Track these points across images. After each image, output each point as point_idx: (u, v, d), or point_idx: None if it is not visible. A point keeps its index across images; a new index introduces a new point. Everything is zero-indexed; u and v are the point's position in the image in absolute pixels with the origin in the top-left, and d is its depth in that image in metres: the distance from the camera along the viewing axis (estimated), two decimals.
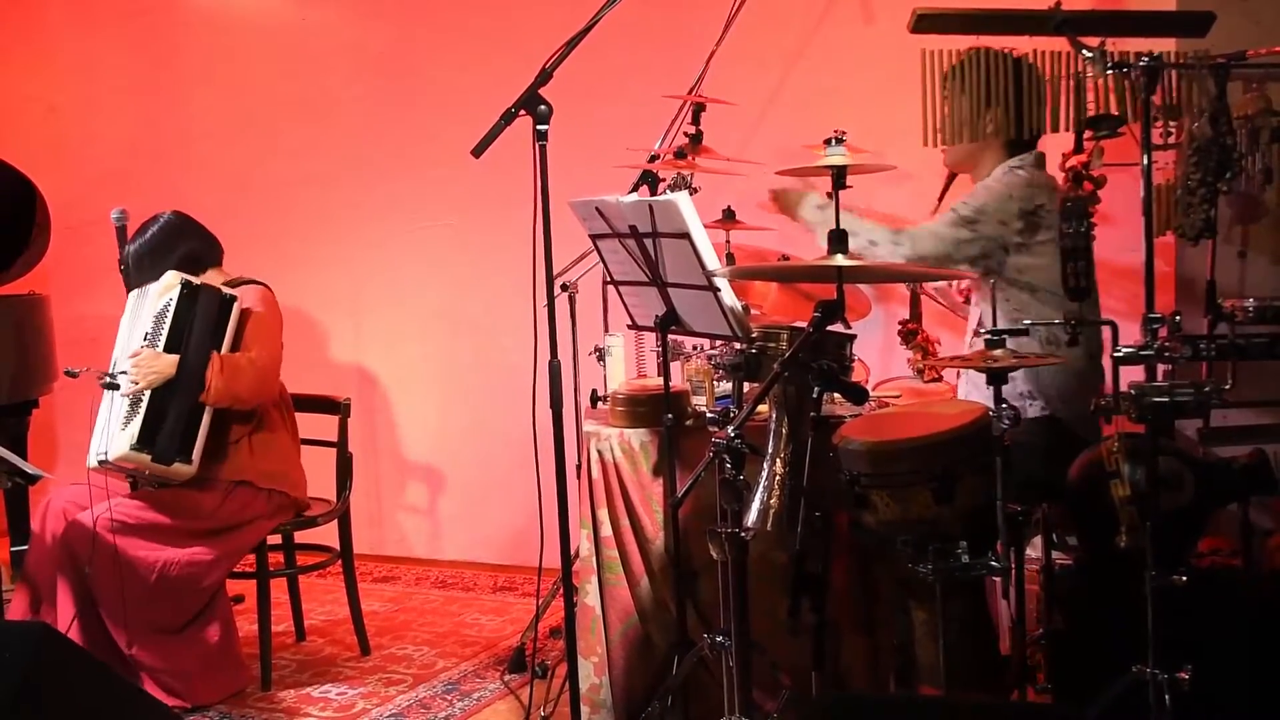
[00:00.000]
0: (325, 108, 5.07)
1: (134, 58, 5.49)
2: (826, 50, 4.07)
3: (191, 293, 3.51)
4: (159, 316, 3.50)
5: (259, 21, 5.21)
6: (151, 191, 5.11)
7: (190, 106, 5.38)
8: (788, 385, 2.54)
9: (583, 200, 2.86)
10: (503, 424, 4.73)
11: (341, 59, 5.04)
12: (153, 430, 3.43)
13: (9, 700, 2.61)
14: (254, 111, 5.23)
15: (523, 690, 3.53)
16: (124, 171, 5.44)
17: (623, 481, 3.06)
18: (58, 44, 5.67)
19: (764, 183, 3.78)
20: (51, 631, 2.89)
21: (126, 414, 3.46)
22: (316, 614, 4.33)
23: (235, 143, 5.27)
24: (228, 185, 5.15)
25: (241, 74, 5.24)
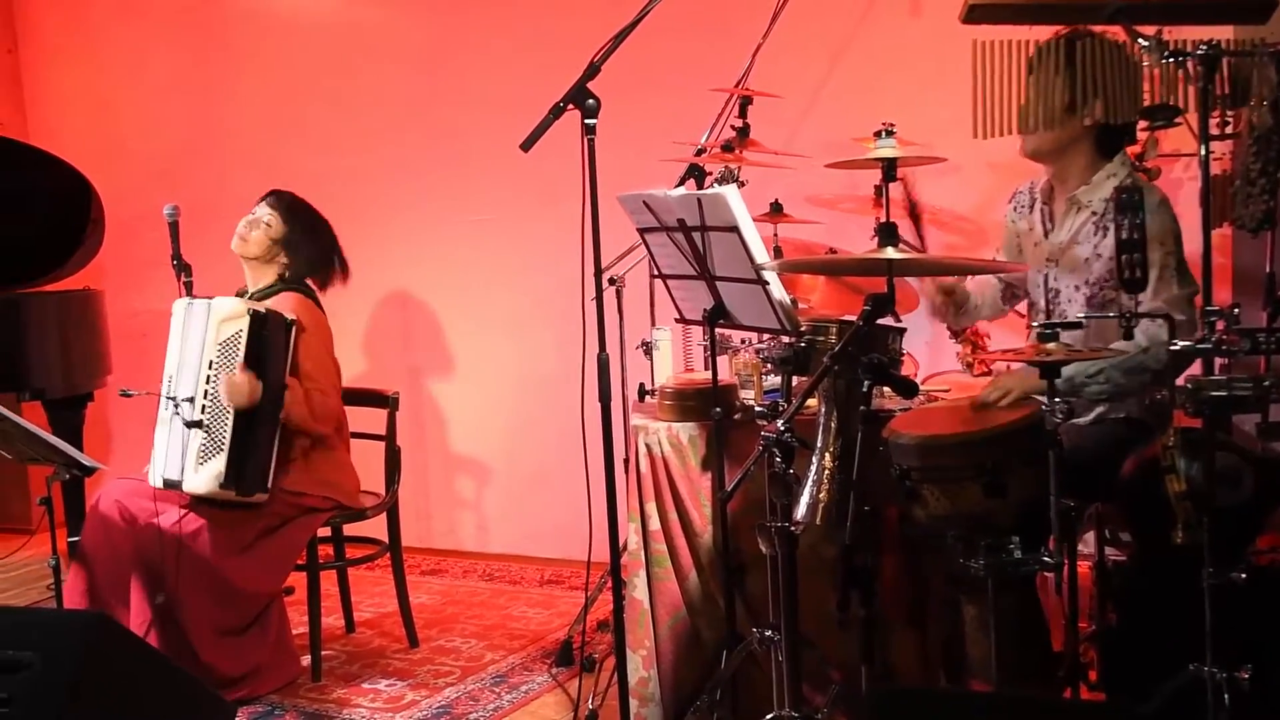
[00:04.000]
0: (371, 103, 5.10)
1: (183, 54, 5.55)
2: (873, 42, 4.05)
3: (261, 320, 3.49)
4: (227, 346, 3.47)
5: (305, 17, 5.25)
6: (200, 187, 5.17)
7: (238, 102, 5.43)
8: (837, 379, 2.52)
9: (631, 194, 2.86)
10: (549, 418, 4.74)
11: (387, 54, 5.06)
12: (238, 467, 3.43)
13: (69, 687, 2.65)
14: (300, 107, 5.27)
15: (570, 683, 3.55)
16: (173, 167, 5.50)
17: (671, 475, 3.05)
18: (108, 42, 5.74)
19: (811, 176, 3.78)
20: (109, 621, 2.92)
21: (204, 446, 3.44)
22: (365, 606, 4.36)
23: (281, 138, 5.31)
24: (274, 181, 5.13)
25: (288, 70, 5.29)
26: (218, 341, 3.47)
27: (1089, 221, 2.80)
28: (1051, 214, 2.92)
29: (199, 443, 3.44)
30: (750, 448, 2.97)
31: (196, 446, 3.44)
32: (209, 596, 3.43)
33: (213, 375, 3.46)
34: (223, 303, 3.52)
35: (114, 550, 3.51)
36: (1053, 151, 2.83)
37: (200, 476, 3.42)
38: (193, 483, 3.43)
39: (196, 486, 3.43)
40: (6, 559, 5.38)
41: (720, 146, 3.49)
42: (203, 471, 3.42)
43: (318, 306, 3.77)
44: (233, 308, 3.49)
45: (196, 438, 3.44)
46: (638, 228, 2.96)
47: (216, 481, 3.40)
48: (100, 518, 3.54)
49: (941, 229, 3.89)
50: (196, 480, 3.42)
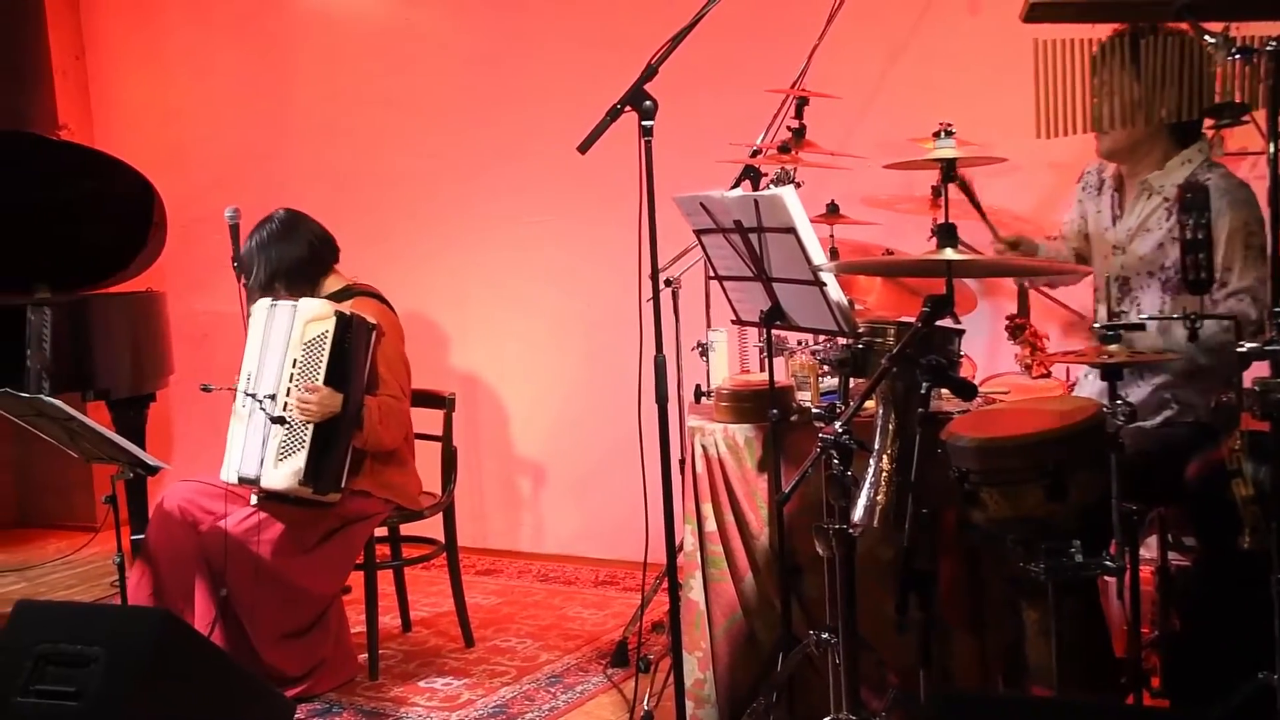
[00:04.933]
0: (428, 106, 5.14)
1: (245, 60, 5.62)
2: (930, 42, 4.01)
3: (346, 323, 3.52)
4: (312, 346, 3.49)
5: (366, 23, 5.30)
6: (261, 191, 5.23)
7: (298, 107, 5.49)
8: (896, 381, 2.51)
9: (688, 196, 2.86)
10: (604, 419, 4.75)
11: (445, 57, 5.10)
12: (317, 465, 3.47)
13: (135, 681, 2.70)
14: (359, 111, 5.32)
15: (626, 684, 3.55)
16: (235, 171, 5.57)
17: (727, 477, 3.05)
18: (172, 48, 5.83)
19: (867, 176, 3.76)
20: (171, 617, 2.97)
21: (284, 443, 3.48)
22: (421, 606, 4.39)
23: (341, 142, 5.36)
24: (334, 184, 5.24)
25: (347, 74, 5.34)
26: (303, 341, 3.50)
27: (1160, 207, 2.77)
28: (1121, 201, 2.89)
29: (279, 439, 3.48)
30: (807, 449, 2.97)
31: (277, 443, 3.48)
32: (272, 598, 3.47)
33: (296, 374, 3.49)
34: (309, 303, 3.56)
35: (177, 549, 3.56)
36: (1128, 149, 2.82)
37: (279, 472, 3.46)
38: (271, 478, 3.47)
39: (275, 482, 3.47)
40: (72, 555, 5.49)
41: (777, 148, 3.48)
42: (282, 467, 3.46)
43: (391, 310, 3.81)
44: (320, 308, 3.53)
45: (277, 434, 3.48)
46: (694, 229, 2.97)
47: (296, 478, 3.44)
48: (165, 517, 3.59)
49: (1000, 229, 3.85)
50: (275, 476, 3.46)
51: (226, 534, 3.43)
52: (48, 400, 3.22)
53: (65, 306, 4.69)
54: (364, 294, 3.79)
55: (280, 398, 3.49)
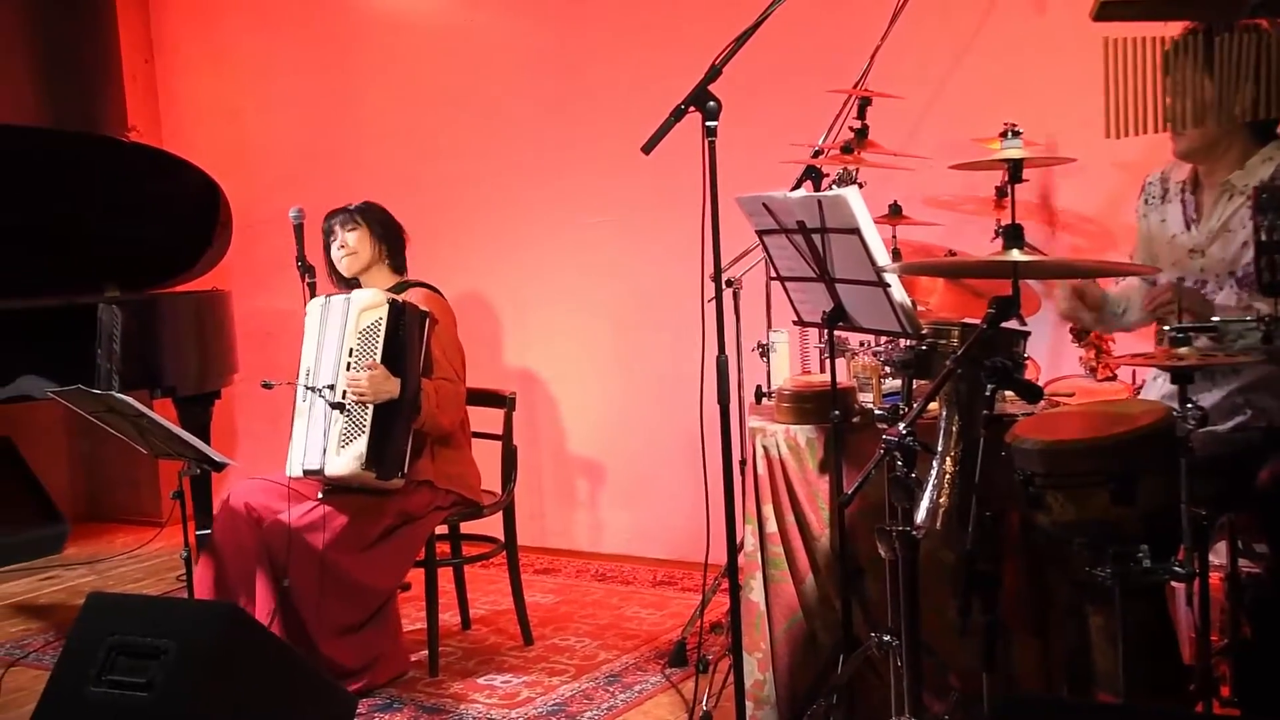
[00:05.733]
0: (489, 107, 5.18)
1: (309, 61, 5.69)
2: (995, 41, 3.98)
3: (399, 311, 3.57)
4: (367, 334, 3.55)
5: (428, 23, 5.35)
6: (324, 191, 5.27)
7: (362, 108, 5.55)
8: (960, 382, 2.50)
9: (750, 196, 2.86)
10: (663, 419, 4.76)
11: (507, 59, 5.13)
12: (378, 449, 3.51)
13: (203, 673, 2.75)
14: (422, 111, 5.37)
15: (684, 684, 3.56)
16: (298, 172, 5.64)
17: (788, 478, 3.04)
18: (238, 50, 5.92)
19: (930, 177, 3.74)
20: (239, 611, 3.02)
21: (345, 430, 3.53)
22: (480, 603, 4.43)
23: (404, 142, 5.41)
24: (396, 184, 5.28)
25: (410, 75, 5.39)
26: (358, 329, 3.56)
27: (1244, 207, 2.72)
28: (1198, 204, 2.85)
29: (340, 426, 3.52)
30: (869, 451, 2.96)
31: (338, 430, 3.53)
32: (331, 591, 3.50)
33: (353, 362, 3.54)
34: (362, 293, 3.62)
35: (241, 545, 3.62)
36: (1206, 148, 2.77)
37: (342, 458, 3.51)
38: (334, 465, 3.51)
39: (338, 469, 3.51)
40: (139, 550, 5.59)
41: (839, 148, 3.46)
42: (345, 453, 3.50)
43: (442, 298, 3.86)
44: (373, 297, 3.59)
45: (338, 422, 3.52)
46: (756, 230, 2.96)
47: (358, 463, 3.48)
48: (230, 513, 3.65)
49: (1065, 230, 3.82)
50: (338, 462, 3.51)
51: (289, 527, 3.47)
52: (119, 397, 3.28)
53: (134, 305, 4.77)
54: (415, 284, 3.86)
55: (339, 386, 3.54)
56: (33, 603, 4.82)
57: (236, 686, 2.84)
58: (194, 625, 2.86)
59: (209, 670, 2.78)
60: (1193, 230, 2.85)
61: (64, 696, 2.84)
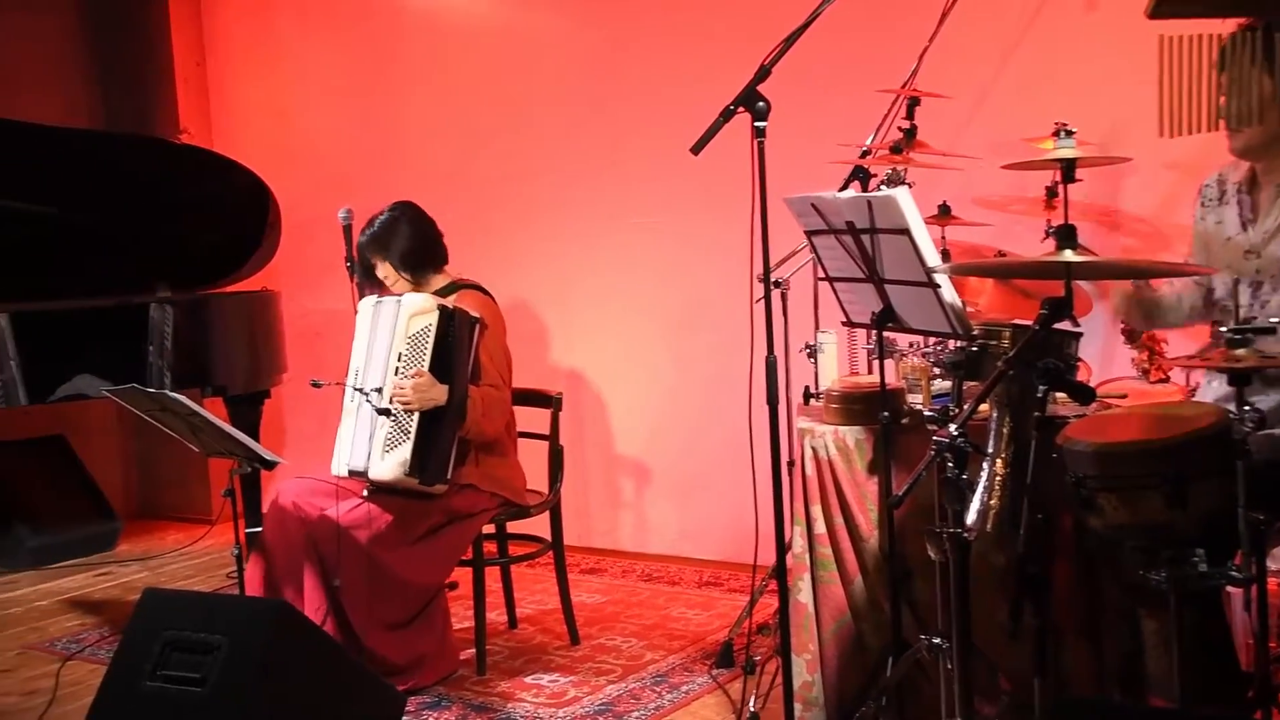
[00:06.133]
0: (537, 107, 5.19)
1: (357, 63, 5.74)
2: (1045, 40, 3.95)
3: (449, 317, 3.57)
4: (416, 339, 3.55)
5: (474, 24, 5.38)
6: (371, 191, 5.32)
7: (407, 109, 5.59)
8: (1011, 384, 2.48)
9: (799, 197, 2.85)
10: (708, 420, 4.76)
11: (554, 59, 5.15)
12: (422, 455, 3.52)
13: (256, 669, 2.78)
14: (467, 112, 5.39)
15: (731, 685, 3.56)
16: (346, 172, 5.69)
17: (837, 479, 3.04)
18: (285, 52, 5.98)
19: (978, 177, 3.71)
20: (289, 608, 3.05)
21: (390, 435, 3.54)
22: (527, 603, 4.44)
23: (449, 143, 5.44)
24: (443, 183, 5.31)
25: (457, 75, 5.42)
26: (407, 335, 3.57)
27: None
28: (1254, 204, 2.81)
29: (386, 431, 3.54)
30: (918, 452, 2.95)
31: (384, 435, 3.54)
32: (376, 589, 3.53)
33: (401, 367, 3.55)
34: (413, 298, 3.62)
35: (289, 543, 3.64)
36: (1263, 146, 2.73)
37: (386, 463, 3.52)
38: (378, 469, 3.53)
39: (382, 473, 3.53)
40: (189, 547, 5.65)
41: (888, 148, 3.45)
42: (389, 459, 3.52)
43: (493, 301, 3.87)
44: (423, 302, 3.59)
45: (384, 426, 3.54)
46: (805, 230, 2.96)
47: (402, 469, 3.50)
48: (279, 511, 3.68)
49: (1116, 231, 3.78)
50: (382, 467, 3.53)
51: (334, 524, 3.50)
52: (172, 396, 3.31)
53: (185, 305, 4.82)
54: (467, 287, 3.86)
55: (386, 391, 3.56)
56: (87, 598, 4.89)
57: (287, 683, 2.87)
58: (245, 622, 2.89)
59: (260, 666, 2.81)
60: (1249, 231, 2.81)
61: (120, 690, 2.88)
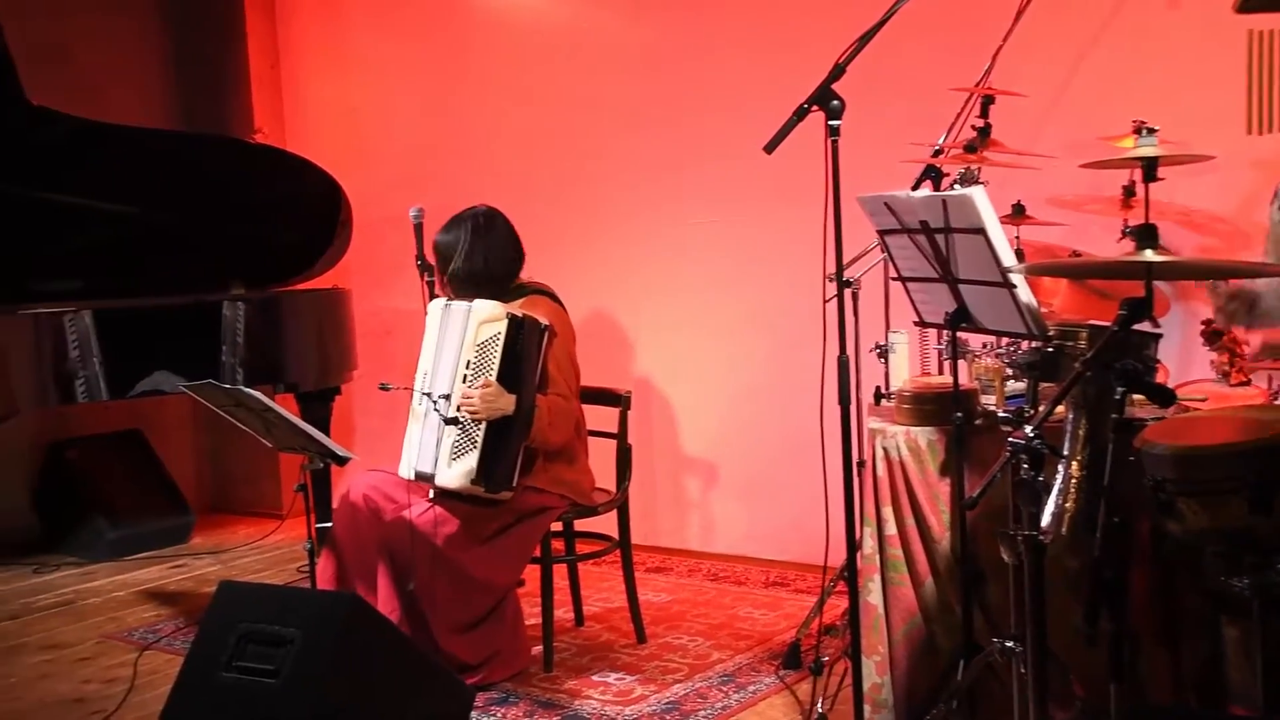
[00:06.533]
0: (607, 107, 5.21)
1: (427, 62, 5.79)
2: (1123, 37, 3.88)
3: (518, 325, 3.56)
4: (485, 347, 3.55)
5: (544, 24, 5.40)
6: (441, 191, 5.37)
7: (478, 110, 5.62)
8: (1088, 385, 2.45)
9: (872, 196, 2.84)
10: (776, 419, 4.74)
11: (624, 59, 5.16)
12: (489, 465, 3.52)
13: (328, 662, 2.81)
14: (537, 113, 5.42)
15: (798, 686, 3.54)
16: (417, 172, 5.74)
17: (908, 480, 3.01)
18: (358, 51, 6.05)
19: (1052, 176, 3.67)
20: (361, 603, 3.09)
21: (457, 443, 3.55)
22: (593, 601, 4.45)
23: (520, 143, 5.47)
24: (512, 184, 5.35)
25: (526, 77, 5.44)
26: (476, 342, 3.56)
27: None
28: None
29: (453, 439, 3.55)
30: (991, 454, 2.91)
31: (450, 443, 3.55)
32: (449, 587, 3.55)
33: (469, 375, 3.55)
34: (483, 305, 3.60)
35: (360, 538, 3.68)
36: None
37: (452, 472, 3.54)
38: (445, 477, 3.55)
39: (448, 481, 3.55)
40: (260, 541, 5.74)
41: (962, 147, 3.42)
42: (455, 467, 3.54)
43: (563, 309, 3.86)
44: (492, 310, 3.58)
45: (450, 434, 3.55)
46: (878, 229, 2.94)
47: (468, 478, 3.52)
48: (350, 507, 3.71)
49: (1196, 230, 3.72)
50: (449, 475, 3.55)
51: (407, 523, 3.53)
52: (247, 391, 3.36)
53: (258, 302, 4.91)
54: (538, 292, 3.86)
55: (454, 399, 3.56)
56: (163, 590, 4.98)
57: (359, 676, 2.90)
58: (319, 615, 2.93)
59: (333, 659, 2.85)
60: None
61: (197, 680, 2.93)
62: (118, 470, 5.88)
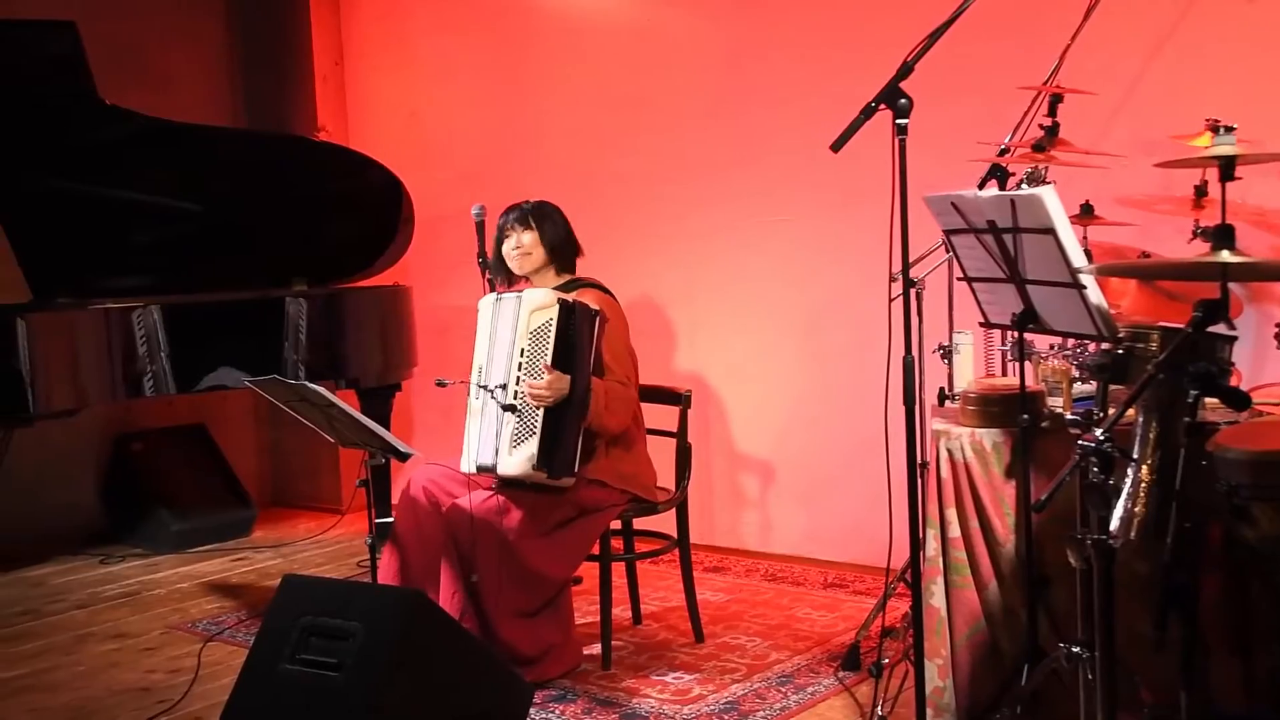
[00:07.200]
0: (668, 105, 5.20)
1: (488, 63, 5.81)
2: (1197, 34, 3.81)
3: (569, 310, 3.58)
4: (538, 334, 3.57)
5: (606, 24, 5.40)
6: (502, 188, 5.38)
7: (540, 107, 5.64)
8: (1160, 388, 2.41)
9: (938, 195, 2.81)
10: (836, 420, 4.72)
11: (686, 56, 5.14)
12: (549, 449, 3.54)
13: (391, 656, 2.83)
14: (599, 111, 5.42)
15: (857, 688, 3.52)
16: (477, 170, 5.77)
17: (973, 482, 2.98)
18: (420, 53, 6.09)
19: (1121, 176, 3.61)
20: (423, 597, 3.10)
21: (516, 431, 3.56)
22: (651, 600, 4.45)
23: (581, 141, 5.48)
24: (573, 182, 5.36)
25: (588, 75, 5.45)
26: (529, 330, 3.59)
27: None
28: None
29: (512, 427, 3.57)
30: (1056, 457, 2.88)
31: (510, 431, 3.57)
32: (508, 577, 3.56)
33: (525, 363, 3.58)
34: (534, 293, 3.64)
35: (422, 532, 3.71)
36: None
37: (514, 459, 3.56)
38: (507, 465, 3.57)
39: (510, 468, 3.57)
40: (321, 535, 5.80)
41: (1030, 146, 3.37)
42: (516, 454, 3.56)
43: (614, 299, 3.88)
44: (544, 297, 3.61)
45: (509, 422, 3.57)
46: (944, 229, 2.91)
47: (530, 463, 3.54)
48: (411, 501, 3.75)
49: (1271, 231, 3.65)
50: (510, 462, 3.56)
51: (468, 515, 3.55)
52: (311, 387, 3.40)
53: (320, 299, 4.96)
54: (587, 284, 3.88)
55: (510, 386, 3.58)
56: (225, 582, 5.05)
57: (419, 670, 2.92)
58: (381, 610, 2.95)
59: (395, 654, 2.86)
60: None
61: (261, 671, 2.96)
62: (181, 464, 5.97)
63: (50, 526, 5.69)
